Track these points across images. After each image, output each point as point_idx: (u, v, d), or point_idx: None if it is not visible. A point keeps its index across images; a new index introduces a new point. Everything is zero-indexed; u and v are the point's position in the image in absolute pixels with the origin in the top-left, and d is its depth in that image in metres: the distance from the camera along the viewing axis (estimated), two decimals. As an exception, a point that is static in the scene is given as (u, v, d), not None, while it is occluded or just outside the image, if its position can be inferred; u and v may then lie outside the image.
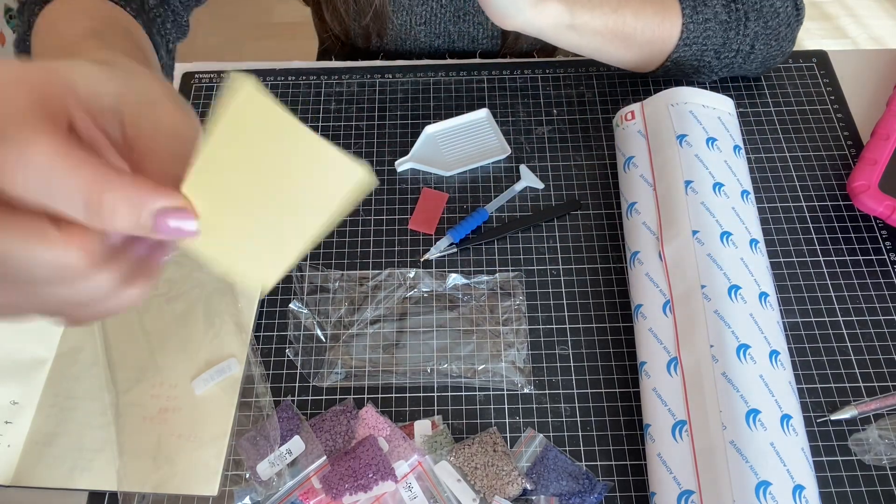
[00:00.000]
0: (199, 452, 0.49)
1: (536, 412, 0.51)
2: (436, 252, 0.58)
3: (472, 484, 0.47)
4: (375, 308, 0.55)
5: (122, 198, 0.24)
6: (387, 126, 0.66)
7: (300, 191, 0.26)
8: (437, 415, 0.51)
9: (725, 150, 0.55)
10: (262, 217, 0.26)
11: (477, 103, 0.67)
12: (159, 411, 0.51)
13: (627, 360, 0.53)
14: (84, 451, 0.50)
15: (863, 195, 0.56)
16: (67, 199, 0.24)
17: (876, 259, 0.57)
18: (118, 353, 0.53)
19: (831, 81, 0.67)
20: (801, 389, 0.51)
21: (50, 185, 0.24)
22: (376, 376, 0.53)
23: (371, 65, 0.70)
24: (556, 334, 0.54)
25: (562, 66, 0.69)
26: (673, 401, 0.46)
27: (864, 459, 0.48)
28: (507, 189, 0.61)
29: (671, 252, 0.51)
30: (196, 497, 0.48)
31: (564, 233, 0.59)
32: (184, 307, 0.55)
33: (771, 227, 0.59)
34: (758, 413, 0.43)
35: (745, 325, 0.47)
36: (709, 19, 0.60)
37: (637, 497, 0.48)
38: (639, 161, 0.57)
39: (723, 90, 0.66)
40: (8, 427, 0.50)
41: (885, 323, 0.54)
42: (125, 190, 0.25)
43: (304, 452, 0.49)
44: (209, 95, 0.68)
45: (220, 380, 0.52)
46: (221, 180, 0.26)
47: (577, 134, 0.65)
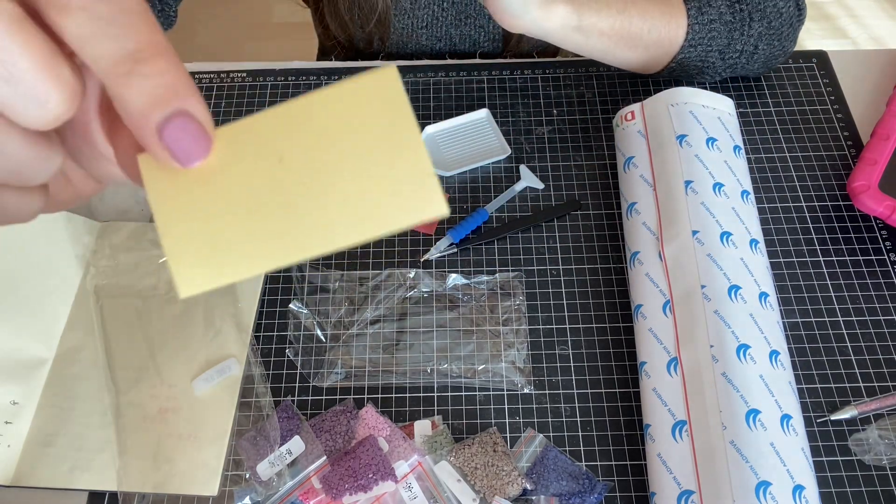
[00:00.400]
0: (199, 452, 0.49)
1: (536, 412, 0.51)
2: (436, 252, 0.58)
3: (472, 484, 0.47)
4: (375, 308, 0.55)
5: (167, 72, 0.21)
6: (387, 126, 0.66)
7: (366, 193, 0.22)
8: (437, 415, 0.51)
9: (725, 150, 0.55)
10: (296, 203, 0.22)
11: (477, 103, 0.67)
12: (159, 411, 0.51)
13: (627, 360, 0.53)
14: (84, 451, 0.50)
15: (863, 195, 0.56)
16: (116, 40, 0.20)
17: (876, 259, 0.57)
18: (118, 353, 0.53)
19: (831, 81, 0.67)
20: (801, 389, 0.51)
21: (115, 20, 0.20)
22: (376, 376, 0.53)
23: (371, 65, 0.70)
24: (556, 334, 0.54)
25: (562, 66, 0.69)
26: (673, 401, 0.46)
27: (864, 459, 0.48)
28: (507, 189, 0.61)
29: (671, 252, 0.51)
30: (196, 497, 0.48)
31: (564, 233, 0.59)
32: (184, 307, 0.55)
33: (771, 227, 0.59)
34: (758, 413, 0.43)
35: (745, 325, 0.47)
36: (714, 20, 0.60)
37: (637, 497, 0.48)
38: (639, 161, 0.57)
39: (723, 90, 0.66)
40: (8, 427, 0.50)
41: (885, 323, 0.54)
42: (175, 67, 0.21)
43: (304, 452, 0.49)
44: (209, 96, 0.68)
45: (220, 380, 0.52)
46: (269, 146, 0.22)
47: (577, 134, 0.65)
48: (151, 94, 0.20)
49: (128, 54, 0.20)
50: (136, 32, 0.20)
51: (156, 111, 0.20)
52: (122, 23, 0.20)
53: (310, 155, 0.22)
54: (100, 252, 0.58)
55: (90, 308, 0.55)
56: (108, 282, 0.56)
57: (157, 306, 0.55)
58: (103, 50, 0.20)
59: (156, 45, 0.21)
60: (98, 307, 0.55)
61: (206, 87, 0.69)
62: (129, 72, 0.20)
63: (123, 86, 0.20)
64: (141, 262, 0.57)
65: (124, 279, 0.56)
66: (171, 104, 0.21)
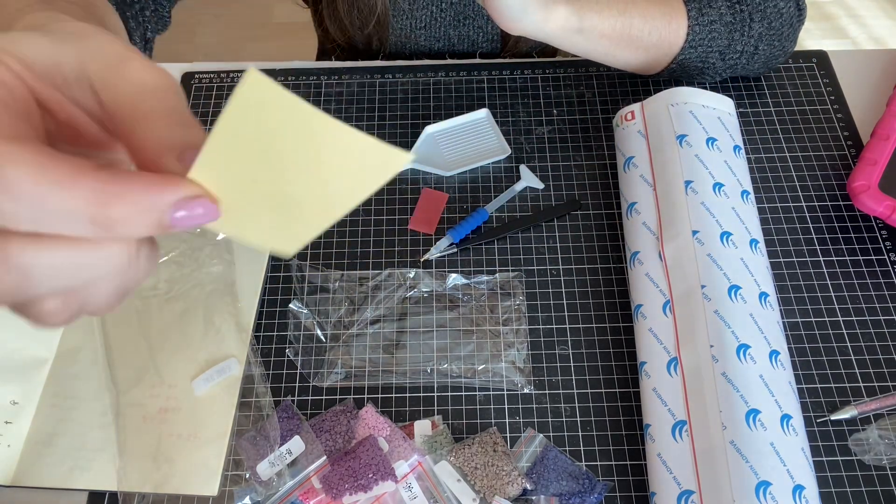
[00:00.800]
0: (199, 452, 0.49)
1: (536, 412, 0.51)
2: (436, 252, 0.58)
3: (472, 484, 0.47)
4: (375, 308, 0.55)
5: (132, 205, 0.22)
6: (387, 126, 0.66)
7: (328, 175, 0.24)
8: (437, 415, 0.51)
9: (725, 150, 0.55)
10: (283, 196, 0.25)
11: (477, 103, 0.67)
12: (159, 411, 0.51)
13: (627, 360, 0.53)
14: (84, 451, 0.50)
15: (863, 195, 0.56)
16: (69, 222, 0.21)
17: (876, 259, 0.57)
18: (118, 353, 0.53)
19: (831, 81, 0.67)
20: (801, 389, 0.51)
21: (44, 210, 0.21)
22: (376, 376, 0.53)
23: (371, 65, 0.70)
24: (556, 334, 0.54)
25: (562, 66, 0.69)
26: (673, 401, 0.46)
27: (864, 459, 0.48)
28: (507, 189, 0.61)
29: (671, 252, 0.51)
30: (196, 497, 0.48)
31: (564, 233, 0.59)
32: (184, 307, 0.55)
33: (771, 227, 0.59)
34: (758, 413, 0.43)
35: (745, 325, 0.47)
36: (714, 21, 0.60)
37: (637, 497, 0.48)
38: (639, 161, 0.57)
39: (723, 90, 0.66)
40: (8, 427, 0.50)
41: (885, 323, 0.54)
42: (132, 195, 0.22)
43: (304, 452, 0.49)
44: (209, 95, 0.68)
45: (220, 380, 0.52)
46: (235, 163, 0.24)
47: (577, 134, 0.65)
48: (142, 226, 0.22)
49: (92, 227, 0.21)
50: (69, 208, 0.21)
51: (164, 227, 0.22)
52: (51, 205, 0.21)
53: (262, 161, 0.24)
54: (100, 252, 0.57)
55: (90, 308, 0.55)
56: (108, 282, 0.56)
57: (157, 306, 0.55)
58: (73, 233, 0.21)
59: (94, 194, 0.21)
60: (98, 307, 0.55)
61: (206, 87, 0.69)
62: (112, 236, 0.22)
63: (124, 236, 0.22)
64: (141, 262, 0.57)
65: (124, 279, 0.56)
66: (161, 214, 0.22)
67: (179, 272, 0.56)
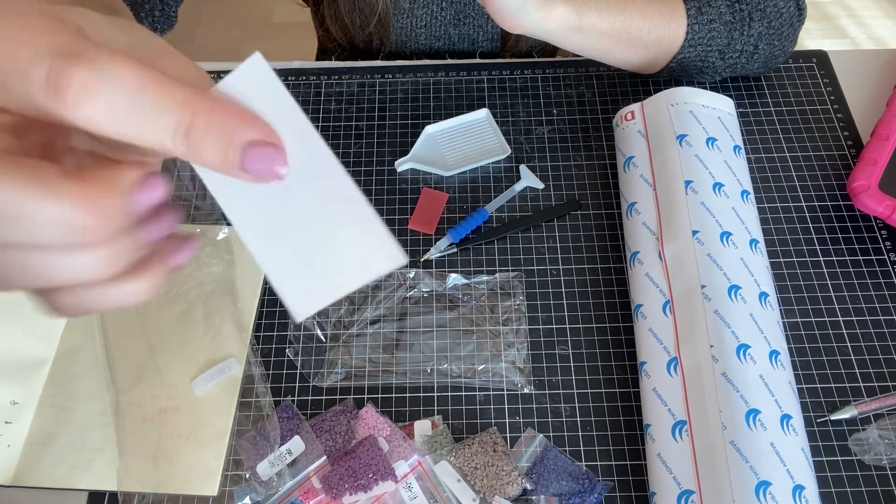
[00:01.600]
0: (199, 452, 0.49)
1: (536, 412, 0.51)
2: (436, 252, 0.58)
3: (472, 484, 0.47)
4: (375, 308, 0.55)
5: (215, 123, 0.22)
6: (387, 126, 0.66)
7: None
8: (437, 415, 0.51)
9: (725, 150, 0.55)
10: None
11: (477, 103, 0.67)
12: (159, 411, 0.51)
13: (627, 360, 0.53)
14: (84, 451, 0.50)
15: (863, 195, 0.56)
16: (156, 123, 0.21)
17: (876, 259, 0.57)
18: (118, 353, 0.53)
19: (831, 81, 0.67)
20: (801, 389, 0.51)
21: (140, 107, 0.21)
22: (376, 376, 0.53)
23: (371, 65, 0.70)
24: (556, 334, 0.54)
25: (562, 66, 0.69)
26: (673, 401, 0.46)
27: (864, 459, 0.48)
28: (507, 189, 0.61)
29: (671, 252, 0.51)
30: (196, 497, 0.48)
31: (564, 233, 0.59)
32: (184, 307, 0.55)
33: (771, 227, 0.59)
34: (758, 413, 0.43)
35: (745, 325, 0.47)
36: (713, 20, 0.60)
37: (637, 497, 0.48)
38: (639, 161, 0.57)
39: (723, 90, 0.66)
40: (8, 427, 0.50)
41: (885, 323, 0.54)
42: (218, 114, 0.22)
43: (304, 452, 0.49)
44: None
45: (220, 380, 0.52)
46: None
47: (577, 134, 0.65)
48: (216, 151, 0.23)
49: (173, 132, 0.22)
50: (163, 104, 0.22)
51: (229, 159, 0.23)
52: (147, 104, 0.21)
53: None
54: (100, 252, 0.57)
55: (90, 308, 0.55)
56: (108, 282, 0.56)
57: (157, 306, 0.55)
58: (153, 139, 0.22)
59: (185, 104, 0.22)
60: (98, 307, 0.55)
61: (206, 87, 0.68)
62: (188, 145, 0.22)
63: (192, 156, 0.23)
64: (141, 262, 0.57)
65: (124, 279, 0.56)
66: (235, 146, 0.23)
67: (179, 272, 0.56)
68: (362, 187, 0.62)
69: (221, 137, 0.22)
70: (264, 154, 0.23)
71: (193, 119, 0.22)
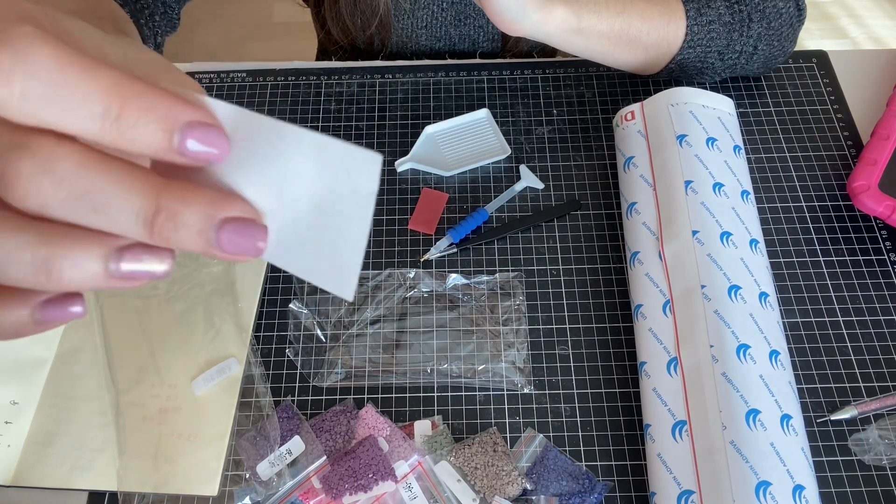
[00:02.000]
0: (199, 452, 0.49)
1: (536, 412, 0.51)
2: (436, 252, 0.58)
3: (472, 484, 0.47)
4: (375, 308, 0.55)
5: (149, 107, 0.21)
6: (387, 126, 0.66)
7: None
8: (437, 415, 0.51)
9: (725, 150, 0.55)
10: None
11: (477, 103, 0.67)
12: (159, 411, 0.51)
13: (627, 360, 0.53)
14: (84, 451, 0.50)
15: (863, 195, 0.56)
16: (79, 109, 0.20)
17: (876, 259, 0.57)
18: (118, 353, 0.53)
19: (831, 81, 0.67)
20: (801, 389, 0.51)
21: (59, 92, 0.20)
22: (376, 376, 0.53)
23: (371, 65, 0.70)
24: (556, 334, 0.54)
25: (562, 66, 0.69)
26: (673, 401, 0.46)
27: (864, 459, 0.48)
28: (507, 189, 0.61)
29: (671, 252, 0.51)
30: (196, 497, 0.48)
31: (564, 233, 0.59)
32: (184, 307, 0.55)
33: (771, 227, 0.59)
34: (758, 413, 0.43)
35: (745, 325, 0.47)
36: (712, 21, 0.60)
37: (637, 497, 0.48)
38: (639, 161, 0.57)
39: (723, 90, 0.66)
40: (8, 427, 0.50)
41: (885, 323, 0.54)
42: (151, 97, 0.21)
43: (304, 452, 0.49)
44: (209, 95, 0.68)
45: (220, 380, 0.52)
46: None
47: (577, 134, 0.65)
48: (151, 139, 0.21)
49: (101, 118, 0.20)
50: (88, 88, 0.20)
51: (169, 145, 0.21)
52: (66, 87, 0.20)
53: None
54: (100, 252, 0.57)
55: (90, 308, 0.55)
56: (108, 282, 0.56)
57: (157, 306, 0.55)
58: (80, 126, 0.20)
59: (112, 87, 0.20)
60: (98, 307, 0.55)
61: (206, 87, 0.69)
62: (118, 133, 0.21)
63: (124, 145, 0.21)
64: (141, 262, 0.57)
65: (124, 279, 0.56)
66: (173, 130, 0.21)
67: (179, 272, 0.57)
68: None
69: (156, 122, 0.21)
70: (204, 134, 0.22)
71: (123, 103, 0.20)
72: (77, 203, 0.21)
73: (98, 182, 0.21)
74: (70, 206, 0.21)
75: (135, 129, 0.21)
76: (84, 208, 0.21)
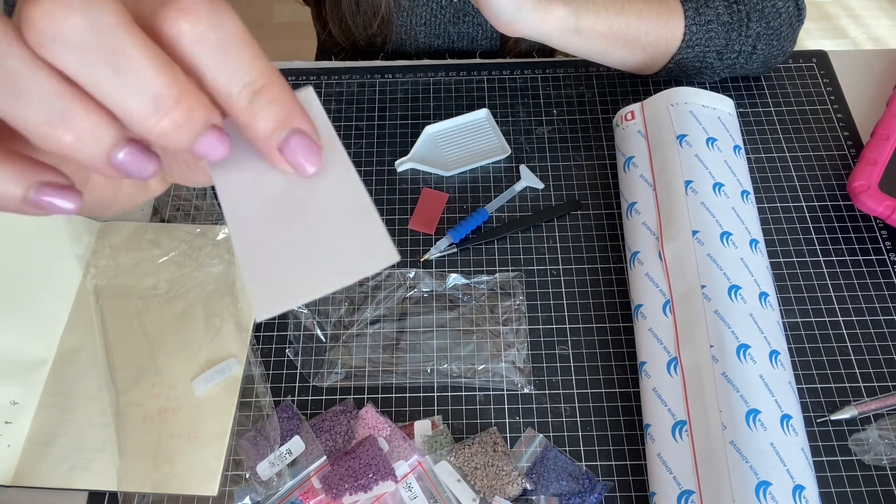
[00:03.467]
0: (199, 452, 0.49)
1: (536, 412, 0.51)
2: (436, 252, 0.58)
3: (472, 484, 0.47)
4: (375, 308, 0.55)
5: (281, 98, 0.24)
6: (387, 126, 0.66)
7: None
8: (437, 415, 0.51)
9: (725, 150, 0.55)
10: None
11: (477, 103, 0.67)
12: (159, 411, 0.51)
13: (627, 360, 0.53)
14: (84, 451, 0.50)
15: (863, 195, 0.56)
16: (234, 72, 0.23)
17: (876, 259, 0.57)
18: (118, 353, 0.53)
19: (831, 81, 0.67)
20: (801, 389, 0.51)
21: (228, 51, 0.22)
22: (376, 376, 0.53)
23: (371, 65, 0.70)
24: (556, 334, 0.54)
25: (562, 66, 0.69)
26: (673, 401, 0.46)
27: (864, 459, 0.48)
28: (507, 189, 0.61)
29: (671, 252, 0.51)
30: (196, 497, 0.48)
31: (564, 233, 0.59)
32: (184, 307, 0.55)
33: (771, 227, 0.59)
34: (758, 413, 0.43)
35: (745, 325, 0.47)
36: (711, 20, 0.60)
37: (637, 497, 0.48)
38: (639, 161, 0.57)
39: (723, 90, 0.66)
40: (8, 427, 0.50)
41: (885, 323, 0.54)
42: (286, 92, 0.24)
43: (304, 452, 0.49)
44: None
45: (220, 380, 0.52)
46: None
47: (577, 134, 0.65)
48: (270, 120, 0.23)
49: (245, 85, 0.23)
50: (248, 61, 0.23)
51: (275, 134, 0.24)
52: (234, 51, 0.22)
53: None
54: (100, 252, 0.58)
55: (90, 308, 0.55)
56: (108, 282, 0.56)
57: (157, 306, 0.55)
58: (223, 80, 0.23)
59: (266, 72, 0.23)
60: (98, 307, 0.55)
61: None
62: (250, 102, 0.23)
63: (246, 114, 0.23)
64: (141, 262, 0.57)
65: (124, 279, 0.56)
66: (286, 126, 0.24)
67: (179, 272, 0.57)
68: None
69: (279, 112, 0.23)
70: (306, 146, 0.24)
71: (266, 85, 0.23)
72: (214, 50, 0.22)
73: (129, 46, 0.21)
74: (208, 49, 0.22)
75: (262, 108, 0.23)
76: (103, 67, 0.21)
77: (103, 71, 0.21)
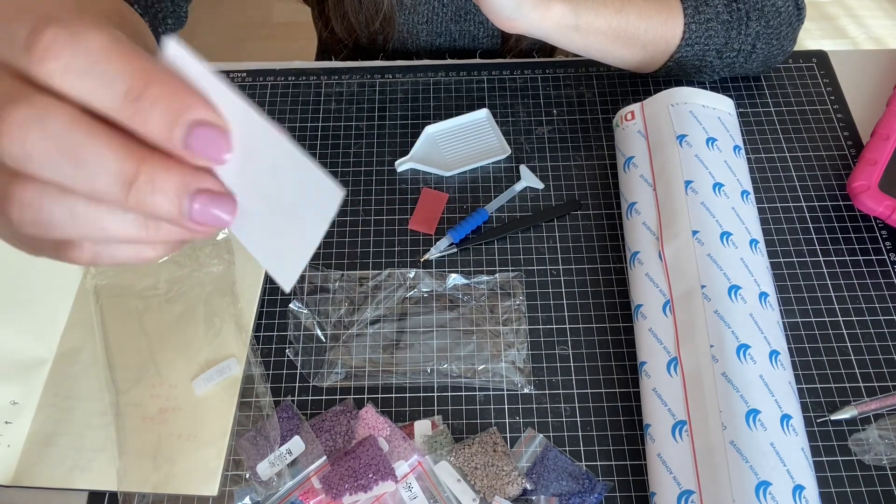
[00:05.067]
0: (199, 452, 0.49)
1: (536, 412, 0.51)
2: (436, 252, 0.58)
3: (472, 484, 0.47)
4: (375, 308, 0.55)
5: (166, 95, 0.22)
6: (387, 126, 0.66)
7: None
8: (437, 415, 0.51)
9: (725, 150, 0.55)
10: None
11: (477, 103, 0.67)
12: (159, 411, 0.51)
13: (627, 360, 0.53)
14: (84, 451, 0.50)
15: (863, 195, 0.56)
16: (109, 86, 0.22)
17: (876, 259, 0.57)
18: (118, 353, 0.53)
19: (831, 81, 0.67)
20: (801, 389, 0.51)
21: (95, 69, 0.22)
22: (376, 376, 0.53)
23: (371, 65, 0.70)
24: (556, 334, 0.54)
25: (562, 66, 0.69)
26: (673, 401, 0.46)
27: (864, 459, 0.48)
28: (507, 189, 0.61)
29: (671, 252, 0.51)
30: (196, 497, 0.48)
31: (564, 233, 0.59)
32: (184, 307, 0.55)
33: (771, 227, 0.59)
34: (758, 413, 0.43)
35: (745, 325, 0.47)
36: (711, 19, 0.60)
37: (637, 497, 0.48)
38: (639, 161, 0.57)
39: (723, 90, 0.66)
40: (8, 427, 0.50)
41: (885, 323, 0.54)
42: (171, 87, 0.23)
43: (304, 452, 0.49)
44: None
45: (220, 380, 0.52)
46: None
47: (577, 134, 0.65)
48: (160, 122, 0.23)
49: (125, 94, 0.22)
50: (119, 69, 0.22)
51: (173, 135, 0.23)
52: (102, 66, 0.22)
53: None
54: (100, 252, 0.57)
55: (90, 308, 0.55)
56: (108, 282, 0.56)
57: (157, 306, 0.55)
58: (107, 100, 0.22)
59: (142, 73, 0.23)
60: (98, 307, 0.55)
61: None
62: (135, 111, 0.22)
63: (137, 124, 0.23)
64: (141, 262, 0.57)
65: (124, 279, 0.56)
66: (180, 123, 0.23)
67: (179, 272, 0.56)
68: (362, 187, 0.62)
69: (167, 110, 0.22)
70: (208, 135, 0.23)
71: (146, 86, 0.22)
72: (60, 157, 0.22)
73: (84, 140, 0.22)
74: (53, 159, 0.22)
75: (148, 111, 0.22)
76: (65, 163, 0.22)
77: (68, 167, 0.22)
